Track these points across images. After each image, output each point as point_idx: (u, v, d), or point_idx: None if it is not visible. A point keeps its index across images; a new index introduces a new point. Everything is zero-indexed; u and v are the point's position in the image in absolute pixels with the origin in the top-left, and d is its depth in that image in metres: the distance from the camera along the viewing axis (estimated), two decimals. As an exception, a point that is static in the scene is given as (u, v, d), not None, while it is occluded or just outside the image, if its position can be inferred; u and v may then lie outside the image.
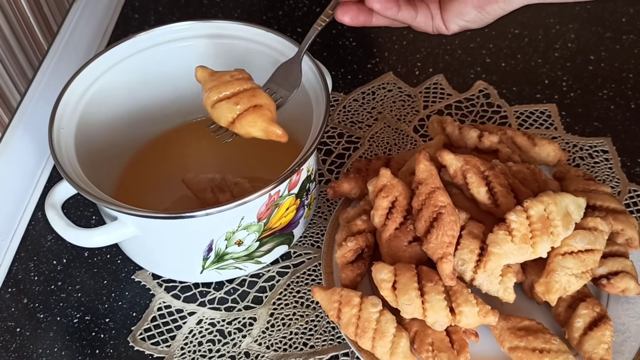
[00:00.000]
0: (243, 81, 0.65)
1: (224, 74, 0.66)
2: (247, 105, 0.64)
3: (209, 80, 0.66)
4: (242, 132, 0.64)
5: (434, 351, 0.61)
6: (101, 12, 0.99)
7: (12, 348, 0.70)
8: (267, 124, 0.64)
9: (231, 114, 0.64)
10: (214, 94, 0.64)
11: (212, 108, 0.65)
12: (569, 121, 0.85)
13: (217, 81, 0.65)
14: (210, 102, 0.65)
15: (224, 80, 0.65)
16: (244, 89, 0.65)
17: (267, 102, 0.65)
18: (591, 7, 0.97)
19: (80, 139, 0.70)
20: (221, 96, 0.64)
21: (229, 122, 0.64)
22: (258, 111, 0.64)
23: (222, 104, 0.64)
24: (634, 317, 0.65)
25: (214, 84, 0.65)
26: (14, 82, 0.80)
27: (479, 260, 0.62)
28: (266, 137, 0.64)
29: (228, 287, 0.73)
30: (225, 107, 0.64)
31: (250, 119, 0.63)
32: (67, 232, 0.65)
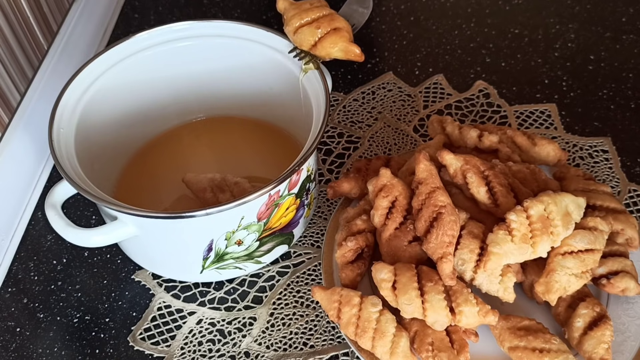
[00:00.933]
0: (322, 8, 0.71)
1: (304, 2, 0.72)
2: (327, 28, 0.69)
3: (290, 9, 0.71)
4: (323, 54, 0.70)
5: (434, 351, 0.61)
6: (101, 12, 0.99)
7: (12, 348, 0.70)
8: (346, 44, 0.69)
9: (313, 37, 0.69)
10: (296, 21, 0.70)
11: (294, 34, 0.70)
12: (569, 121, 0.85)
13: (298, 9, 0.71)
14: (292, 29, 0.70)
15: (304, 8, 0.71)
16: (323, 14, 0.70)
17: (345, 25, 0.70)
18: (591, 7, 0.97)
19: (80, 139, 0.70)
20: (303, 22, 0.70)
21: (310, 45, 0.70)
22: (338, 33, 0.69)
23: (305, 29, 0.70)
24: (634, 317, 0.65)
25: (295, 11, 0.70)
26: (14, 82, 0.80)
27: (479, 260, 0.62)
28: (345, 56, 0.70)
29: (228, 286, 0.73)
30: (308, 31, 0.69)
31: (331, 40, 0.69)
32: (67, 232, 0.65)
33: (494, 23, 0.97)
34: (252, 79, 0.79)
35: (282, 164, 0.66)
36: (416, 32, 0.97)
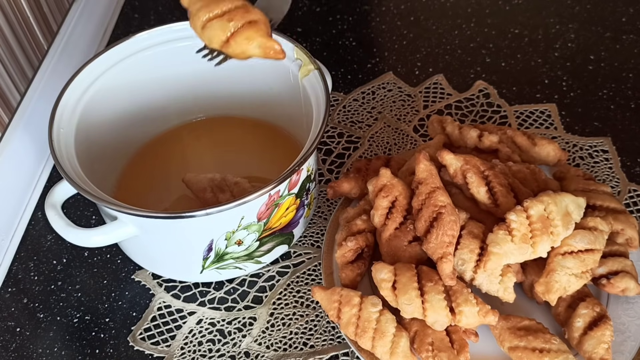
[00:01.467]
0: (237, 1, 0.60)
1: None
2: (241, 21, 0.59)
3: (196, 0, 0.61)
4: (238, 52, 0.60)
5: (434, 351, 0.61)
6: (101, 12, 0.99)
7: (12, 348, 0.70)
8: (265, 39, 0.59)
9: (225, 32, 0.59)
10: (204, 13, 0.59)
11: (202, 29, 0.60)
12: (569, 121, 0.85)
13: (205, 0, 0.60)
14: (200, 23, 0.60)
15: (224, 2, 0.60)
16: (235, 6, 0.60)
17: (261, 17, 0.60)
18: (591, 7, 0.97)
19: (80, 139, 0.71)
20: (212, 15, 0.59)
21: (222, 41, 0.60)
22: (254, 26, 0.59)
23: (214, 23, 0.59)
24: (634, 317, 0.65)
25: (202, 3, 0.60)
26: (14, 82, 0.80)
27: (479, 260, 0.62)
28: (264, 54, 0.60)
29: (228, 286, 0.73)
30: (218, 25, 0.59)
31: (247, 35, 0.59)
32: (67, 232, 0.65)
33: (494, 23, 0.97)
34: (252, 79, 0.79)
35: (282, 164, 0.66)
36: (416, 32, 0.97)
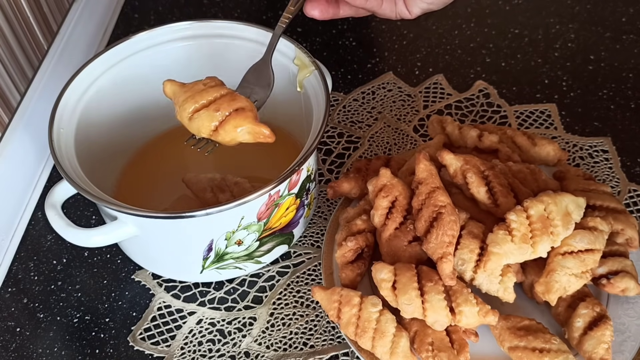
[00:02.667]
0: (218, 87, 0.63)
1: (196, 83, 0.64)
2: (228, 110, 0.61)
3: (181, 92, 0.63)
4: (227, 139, 0.62)
5: (434, 351, 0.61)
6: (101, 12, 0.99)
7: (12, 348, 0.70)
8: (253, 125, 0.61)
9: (213, 122, 0.61)
10: (190, 105, 0.61)
11: (189, 120, 0.62)
12: (568, 121, 0.85)
13: (190, 91, 0.62)
14: (186, 114, 0.62)
15: (198, 89, 0.62)
16: (220, 94, 0.62)
17: (247, 104, 0.62)
18: (591, 7, 0.97)
19: (80, 139, 0.71)
20: (198, 105, 0.61)
21: (210, 131, 0.61)
22: (241, 114, 0.61)
23: (201, 113, 0.61)
24: (634, 317, 0.65)
25: (187, 95, 0.62)
26: (14, 82, 0.80)
27: (479, 260, 0.62)
28: (254, 139, 0.62)
29: (228, 286, 0.73)
30: (205, 115, 0.61)
31: (235, 123, 0.61)
32: (67, 232, 0.65)
33: (494, 23, 0.97)
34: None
35: (282, 164, 0.66)
36: (416, 32, 0.97)
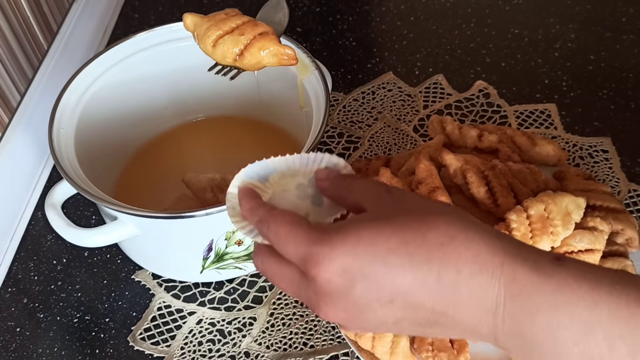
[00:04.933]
0: (239, 16, 0.64)
1: (217, 14, 0.65)
2: (252, 34, 0.62)
3: (203, 22, 0.64)
4: (253, 62, 0.63)
5: (434, 351, 0.61)
6: (101, 12, 0.99)
7: (12, 348, 0.70)
8: (278, 46, 0.62)
9: (238, 46, 0.62)
10: (214, 31, 0.63)
11: (213, 47, 0.63)
12: (568, 121, 0.85)
13: (213, 20, 0.63)
14: (210, 42, 0.63)
15: (220, 18, 0.63)
16: (242, 22, 0.64)
17: (270, 29, 0.64)
18: (591, 7, 0.97)
19: (80, 139, 0.71)
20: (222, 32, 0.63)
21: (236, 55, 0.62)
22: (265, 37, 0.63)
23: (226, 39, 0.62)
24: (634, 317, 0.65)
25: (210, 23, 0.63)
26: (14, 82, 0.80)
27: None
28: (278, 62, 0.63)
29: (228, 286, 0.73)
30: (230, 40, 0.62)
31: (260, 45, 0.62)
32: (67, 232, 0.65)
33: (494, 23, 0.97)
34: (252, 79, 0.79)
35: (282, 164, 0.65)
36: (416, 32, 0.97)
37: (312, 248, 0.43)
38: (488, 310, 0.42)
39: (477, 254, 0.42)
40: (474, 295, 0.42)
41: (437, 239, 0.43)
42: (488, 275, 0.42)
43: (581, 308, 0.40)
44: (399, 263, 0.42)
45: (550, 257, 0.43)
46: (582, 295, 0.41)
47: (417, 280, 0.42)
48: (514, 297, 0.42)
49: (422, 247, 0.42)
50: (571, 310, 0.41)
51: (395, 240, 0.43)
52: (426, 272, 0.42)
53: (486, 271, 0.42)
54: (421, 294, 0.43)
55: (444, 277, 0.42)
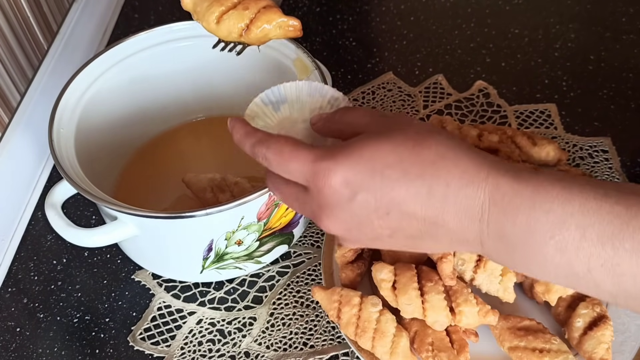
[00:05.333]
0: None
1: None
2: (256, 7, 0.61)
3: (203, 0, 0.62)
4: (260, 36, 0.61)
5: (434, 351, 0.61)
6: (101, 12, 0.99)
7: (12, 348, 0.70)
8: (284, 18, 0.61)
9: (244, 20, 0.61)
10: (217, 7, 0.61)
11: (217, 24, 0.61)
12: (568, 121, 0.85)
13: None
14: (214, 18, 0.61)
15: None
16: None
17: (272, 2, 0.63)
18: (591, 7, 0.97)
19: (80, 139, 0.70)
20: (225, 8, 0.61)
21: (241, 30, 0.61)
22: (270, 10, 0.61)
23: (230, 14, 0.61)
24: (634, 317, 0.65)
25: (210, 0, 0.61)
26: (14, 82, 0.80)
27: (479, 260, 0.62)
28: (284, 34, 0.62)
29: (228, 286, 0.73)
30: (236, 15, 0.61)
31: (266, 19, 0.61)
32: (67, 232, 0.65)
33: (494, 23, 0.97)
34: (252, 79, 0.79)
35: (282, 164, 0.65)
36: (416, 32, 0.97)
37: (318, 164, 0.49)
38: (474, 217, 0.48)
39: (464, 170, 0.48)
40: (461, 204, 0.48)
41: (429, 157, 0.48)
42: (474, 187, 0.47)
43: (555, 205, 0.46)
44: (395, 177, 0.48)
45: (529, 169, 0.48)
46: (556, 194, 0.46)
47: (411, 192, 0.48)
48: (496, 202, 0.47)
49: (416, 164, 0.48)
50: (547, 207, 0.46)
51: (393, 158, 0.48)
52: (419, 185, 0.48)
53: (472, 184, 0.47)
54: (414, 204, 0.48)
55: (434, 190, 0.48)
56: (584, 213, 0.45)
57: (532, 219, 0.46)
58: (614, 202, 0.45)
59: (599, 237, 0.45)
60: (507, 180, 0.47)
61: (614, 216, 0.45)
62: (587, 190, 0.46)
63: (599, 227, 0.45)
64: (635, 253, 0.44)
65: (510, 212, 0.47)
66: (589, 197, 0.45)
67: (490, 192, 0.47)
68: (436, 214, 0.48)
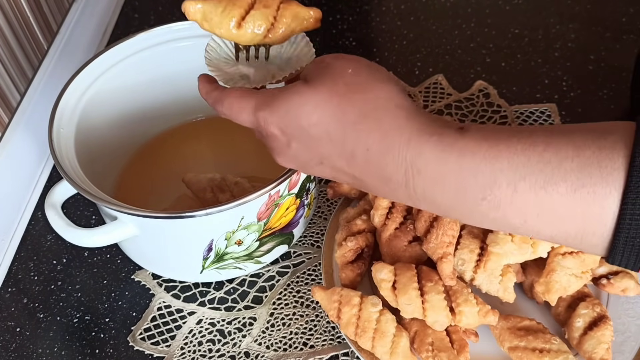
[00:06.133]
0: None
1: None
2: (275, 3, 0.56)
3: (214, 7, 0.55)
4: (286, 33, 0.56)
5: (434, 351, 0.61)
6: (101, 12, 0.99)
7: (12, 348, 0.70)
8: (307, 10, 0.56)
9: (269, 19, 0.55)
10: (236, 11, 0.55)
11: (238, 29, 0.55)
12: (569, 121, 0.85)
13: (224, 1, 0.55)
14: (233, 25, 0.55)
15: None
16: None
17: None
18: (591, 7, 0.97)
19: (80, 139, 0.70)
20: (243, 11, 0.55)
21: (266, 31, 0.56)
22: (290, 3, 0.56)
23: (252, 15, 0.55)
24: (634, 317, 0.65)
25: (223, 5, 0.55)
26: (14, 82, 0.80)
27: (479, 260, 0.62)
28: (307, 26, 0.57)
29: (228, 286, 0.73)
30: (258, 15, 0.55)
31: (290, 13, 0.56)
32: (67, 232, 0.65)
33: (494, 23, 0.97)
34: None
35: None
36: (416, 32, 0.97)
37: (257, 114, 0.52)
38: (399, 183, 0.48)
39: (384, 134, 0.48)
40: (383, 171, 0.48)
41: (351, 117, 0.49)
42: (395, 154, 0.47)
43: (483, 165, 0.45)
44: (319, 136, 0.50)
45: (455, 128, 0.47)
46: (483, 154, 0.45)
47: (336, 151, 0.50)
48: (421, 172, 0.47)
49: (339, 124, 0.49)
50: (474, 170, 0.46)
51: (316, 116, 0.49)
52: (341, 148, 0.50)
53: (392, 150, 0.47)
54: (340, 163, 0.50)
55: (356, 154, 0.49)
56: (512, 168, 0.45)
57: (461, 185, 0.46)
58: (543, 149, 0.45)
59: (531, 188, 0.45)
60: (431, 146, 0.47)
61: (544, 164, 0.44)
62: (514, 143, 0.45)
63: (530, 179, 0.44)
64: (571, 194, 0.44)
65: (437, 181, 0.47)
66: (516, 150, 0.45)
67: (412, 159, 0.47)
68: (362, 175, 0.50)
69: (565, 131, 0.45)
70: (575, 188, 0.44)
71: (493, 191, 0.45)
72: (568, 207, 0.44)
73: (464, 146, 0.46)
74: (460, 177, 0.46)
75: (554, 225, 0.46)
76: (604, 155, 0.43)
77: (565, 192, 0.44)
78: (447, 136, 0.47)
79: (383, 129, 0.48)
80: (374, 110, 0.48)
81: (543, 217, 0.45)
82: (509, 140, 0.45)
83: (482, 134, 0.46)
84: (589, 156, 0.44)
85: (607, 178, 0.43)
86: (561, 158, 0.44)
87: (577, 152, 0.44)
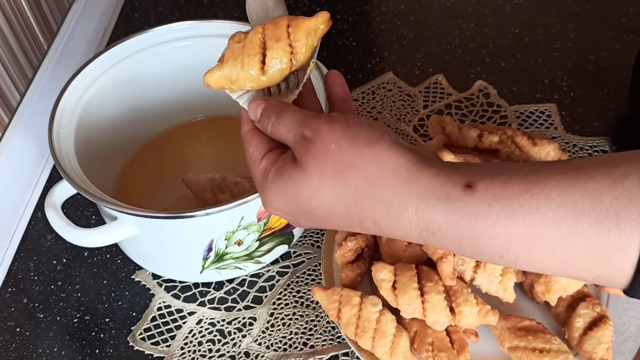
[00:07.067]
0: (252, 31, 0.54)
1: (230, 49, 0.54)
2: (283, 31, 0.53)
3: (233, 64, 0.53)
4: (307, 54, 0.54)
5: (434, 351, 0.61)
6: (101, 12, 0.99)
7: (12, 348, 0.70)
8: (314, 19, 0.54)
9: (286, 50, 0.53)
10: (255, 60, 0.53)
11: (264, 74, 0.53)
12: (568, 121, 0.85)
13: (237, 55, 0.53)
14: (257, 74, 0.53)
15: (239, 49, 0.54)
16: (262, 29, 0.54)
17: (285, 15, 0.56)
18: (591, 7, 0.97)
19: (80, 139, 0.70)
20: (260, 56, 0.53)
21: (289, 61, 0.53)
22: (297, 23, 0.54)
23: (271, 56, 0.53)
24: (634, 317, 0.65)
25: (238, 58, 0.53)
26: (14, 82, 0.80)
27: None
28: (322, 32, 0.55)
29: (228, 287, 0.73)
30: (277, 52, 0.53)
31: (302, 32, 0.53)
32: (67, 232, 0.65)
33: (494, 23, 0.97)
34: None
35: (282, 164, 0.65)
36: (416, 32, 0.97)
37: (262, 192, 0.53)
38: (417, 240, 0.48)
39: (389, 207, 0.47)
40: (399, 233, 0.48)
41: (350, 200, 0.48)
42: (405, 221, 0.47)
43: (498, 228, 0.45)
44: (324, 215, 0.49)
45: (461, 187, 0.46)
46: (497, 216, 0.45)
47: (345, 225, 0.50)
48: (435, 234, 0.47)
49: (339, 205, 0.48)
50: (489, 234, 0.45)
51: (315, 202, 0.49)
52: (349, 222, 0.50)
53: (402, 219, 0.47)
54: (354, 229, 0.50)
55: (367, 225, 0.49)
56: (528, 228, 0.44)
57: (477, 245, 0.46)
58: (558, 205, 0.43)
59: (546, 246, 0.44)
60: (440, 211, 0.46)
61: (560, 222, 0.43)
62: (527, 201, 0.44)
63: (546, 238, 0.44)
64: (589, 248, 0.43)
65: (454, 241, 0.47)
66: (531, 209, 0.44)
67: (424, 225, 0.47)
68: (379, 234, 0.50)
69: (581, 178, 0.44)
70: (593, 243, 0.43)
71: (509, 251, 0.45)
72: (586, 260, 0.44)
73: (474, 209, 0.45)
74: (474, 240, 0.46)
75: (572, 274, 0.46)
76: (621, 206, 0.42)
77: (582, 247, 0.43)
78: (454, 199, 0.45)
79: (386, 203, 0.47)
80: (371, 187, 0.47)
81: (560, 268, 0.45)
82: (522, 197, 0.44)
83: (492, 193, 0.45)
84: (606, 209, 0.42)
85: (625, 230, 0.42)
86: (577, 215, 0.43)
87: (593, 206, 0.43)
